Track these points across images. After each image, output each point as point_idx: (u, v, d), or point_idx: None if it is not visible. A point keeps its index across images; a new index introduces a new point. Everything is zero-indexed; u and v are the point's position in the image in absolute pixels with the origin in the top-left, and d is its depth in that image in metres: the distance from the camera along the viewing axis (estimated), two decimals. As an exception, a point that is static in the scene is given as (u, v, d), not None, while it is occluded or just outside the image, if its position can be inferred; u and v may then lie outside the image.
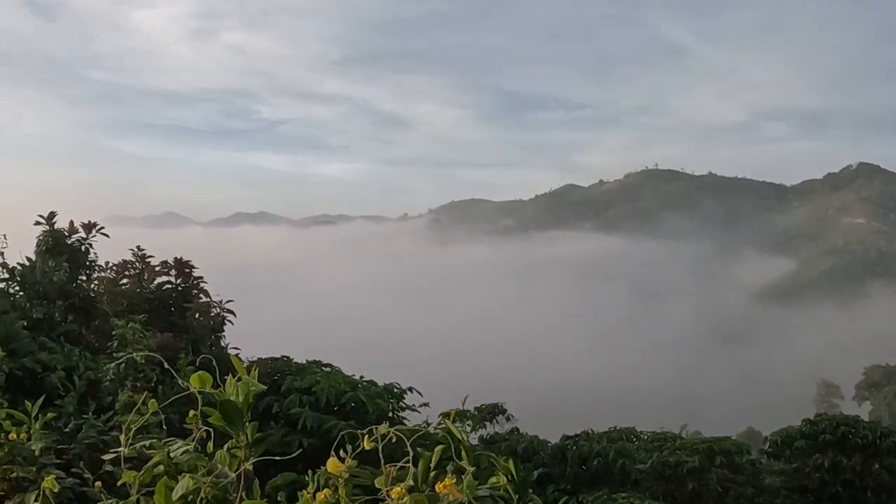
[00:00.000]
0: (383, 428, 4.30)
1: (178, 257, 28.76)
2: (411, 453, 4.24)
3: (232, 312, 28.29)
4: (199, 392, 4.69)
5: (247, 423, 4.68)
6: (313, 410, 23.91)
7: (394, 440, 4.28)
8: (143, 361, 17.23)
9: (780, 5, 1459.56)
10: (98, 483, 8.68)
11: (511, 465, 5.20)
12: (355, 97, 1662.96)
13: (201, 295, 28.36)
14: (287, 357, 28.42)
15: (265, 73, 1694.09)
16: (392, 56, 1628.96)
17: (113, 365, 18.47)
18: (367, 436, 4.31)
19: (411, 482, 4.22)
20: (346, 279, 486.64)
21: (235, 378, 4.74)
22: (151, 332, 21.45)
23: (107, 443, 14.35)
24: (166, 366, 5.37)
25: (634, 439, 41.01)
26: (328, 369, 27.39)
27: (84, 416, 15.90)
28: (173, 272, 28.60)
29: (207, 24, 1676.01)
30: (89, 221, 28.09)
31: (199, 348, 25.32)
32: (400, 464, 4.26)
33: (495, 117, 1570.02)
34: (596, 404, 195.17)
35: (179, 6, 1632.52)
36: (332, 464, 4.29)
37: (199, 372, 4.74)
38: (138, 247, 29.26)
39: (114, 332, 19.92)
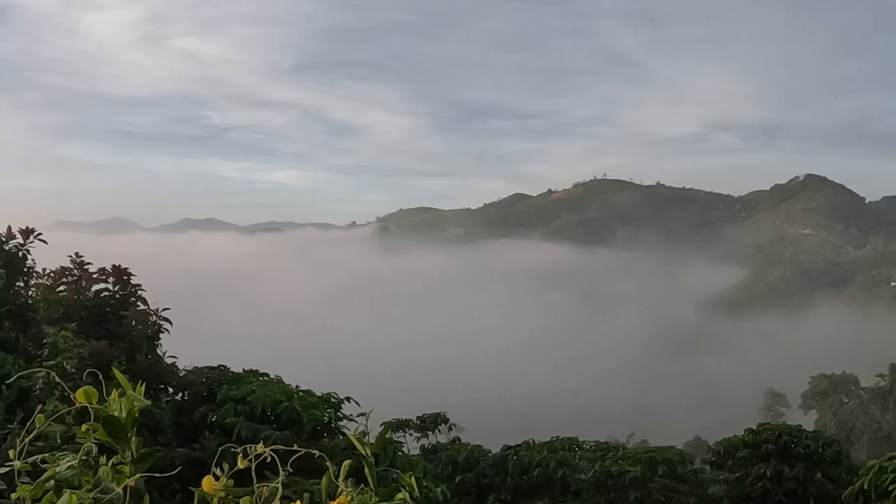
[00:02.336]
0: (260, 447, 4.17)
1: (116, 264, 28.40)
2: (282, 473, 4.09)
3: (168, 321, 27.95)
4: (88, 406, 4.55)
5: (132, 439, 4.53)
6: (248, 420, 23.69)
7: (268, 460, 4.15)
8: (73, 370, 16.96)
9: (731, 19, 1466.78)
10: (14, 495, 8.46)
11: (413, 480, 5.06)
12: (306, 105, 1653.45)
13: (139, 303, 28.03)
14: (224, 366, 28.12)
15: (217, 79, 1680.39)
16: (345, 64, 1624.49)
17: (43, 373, 18.16)
18: (240, 455, 4.18)
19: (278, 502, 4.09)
20: (293, 287, 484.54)
21: (119, 392, 4.60)
22: (82, 341, 21.16)
23: (31, 454, 14.07)
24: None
25: (577, 449, 41.02)
26: (265, 378, 27.18)
27: (9, 425, 15.60)
28: (111, 279, 28.25)
29: (159, 30, 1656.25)
30: (27, 227, 27.66)
31: (135, 356, 25.04)
32: (272, 484, 4.12)
33: (446, 126, 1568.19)
34: (545, 414, 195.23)
35: (132, 11, 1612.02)
36: (208, 482, 4.17)
37: (86, 387, 4.61)
38: (76, 253, 28.85)
39: (45, 340, 19.64)
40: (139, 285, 28.39)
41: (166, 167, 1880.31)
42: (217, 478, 4.19)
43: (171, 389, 27.43)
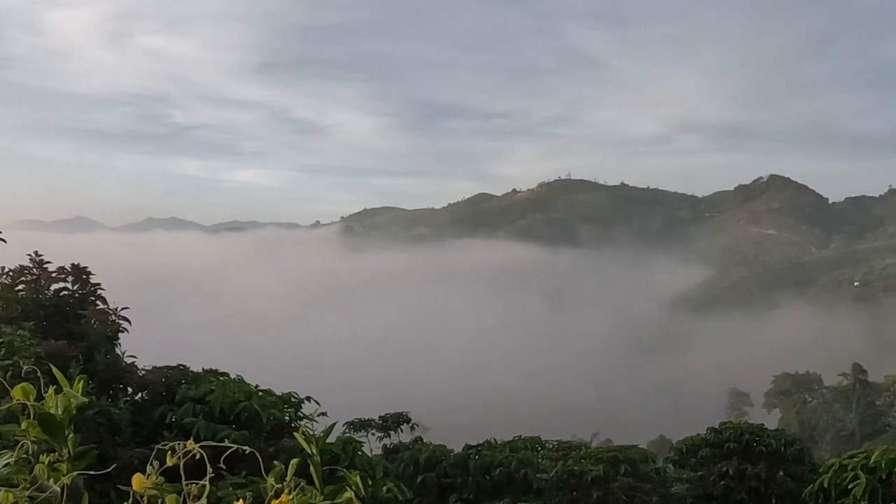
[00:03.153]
0: (190, 444, 4.12)
1: (76, 263, 28.21)
2: (209, 472, 4.04)
3: (127, 320, 27.76)
4: (23, 404, 4.51)
5: (69, 436, 4.47)
6: (207, 420, 23.54)
7: (198, 456, 4.09)
8: (29, 369, 16.81)
9: (697, 20, 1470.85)
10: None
11: (358, 479, 5.04)
12: (272, 104, 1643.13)
13: (98, 302, 27.83)
14: (183, 365, 27.93)
15: (182, 77, 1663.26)
16: (311, 63, 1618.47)
17: (-2, 373, 18.02)
18: (170, 452, 4.13)
19: (206, 500, 4.05)
20: (257, 286, 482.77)
21: (55, 389, 4.55)
22: (38, 340, 21.00)
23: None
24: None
25: (539, 448, 41.02)
26: (224, 378, 27.01)
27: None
28: (70, 278, 28.04)
29: (125, 27, 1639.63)
30: (-15, 226, 27.46)
31: (93, 356, 24.85)
32: (202, 482, 4.07)
33: (411, 126, 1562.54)
34: (510, 413, 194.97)
35: (97, 8, 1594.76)
36: (138, 480, 4.12)
37: (23, 384, 4.57)
38: (35, 252, 28.66)
39: (0, 340, 19.48)
40: (98, 284, 28.20)
41: (130, 165, 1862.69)
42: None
43: (130, 389, 27.25)
